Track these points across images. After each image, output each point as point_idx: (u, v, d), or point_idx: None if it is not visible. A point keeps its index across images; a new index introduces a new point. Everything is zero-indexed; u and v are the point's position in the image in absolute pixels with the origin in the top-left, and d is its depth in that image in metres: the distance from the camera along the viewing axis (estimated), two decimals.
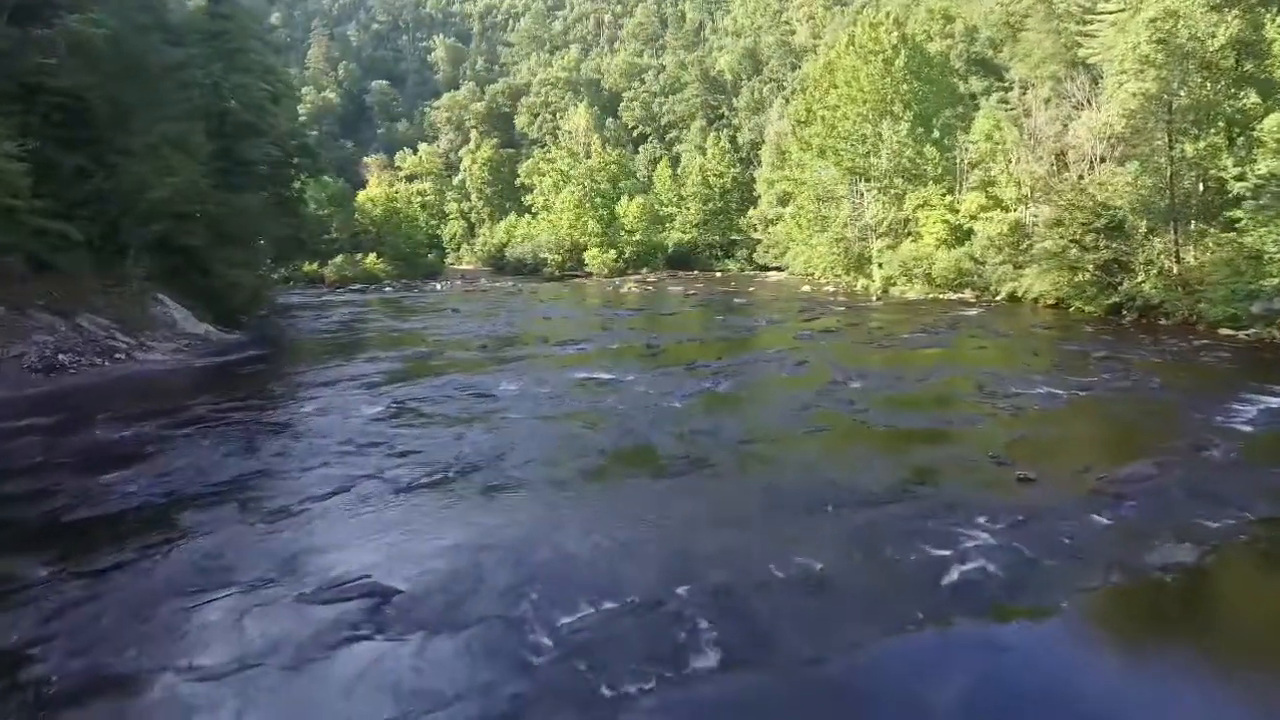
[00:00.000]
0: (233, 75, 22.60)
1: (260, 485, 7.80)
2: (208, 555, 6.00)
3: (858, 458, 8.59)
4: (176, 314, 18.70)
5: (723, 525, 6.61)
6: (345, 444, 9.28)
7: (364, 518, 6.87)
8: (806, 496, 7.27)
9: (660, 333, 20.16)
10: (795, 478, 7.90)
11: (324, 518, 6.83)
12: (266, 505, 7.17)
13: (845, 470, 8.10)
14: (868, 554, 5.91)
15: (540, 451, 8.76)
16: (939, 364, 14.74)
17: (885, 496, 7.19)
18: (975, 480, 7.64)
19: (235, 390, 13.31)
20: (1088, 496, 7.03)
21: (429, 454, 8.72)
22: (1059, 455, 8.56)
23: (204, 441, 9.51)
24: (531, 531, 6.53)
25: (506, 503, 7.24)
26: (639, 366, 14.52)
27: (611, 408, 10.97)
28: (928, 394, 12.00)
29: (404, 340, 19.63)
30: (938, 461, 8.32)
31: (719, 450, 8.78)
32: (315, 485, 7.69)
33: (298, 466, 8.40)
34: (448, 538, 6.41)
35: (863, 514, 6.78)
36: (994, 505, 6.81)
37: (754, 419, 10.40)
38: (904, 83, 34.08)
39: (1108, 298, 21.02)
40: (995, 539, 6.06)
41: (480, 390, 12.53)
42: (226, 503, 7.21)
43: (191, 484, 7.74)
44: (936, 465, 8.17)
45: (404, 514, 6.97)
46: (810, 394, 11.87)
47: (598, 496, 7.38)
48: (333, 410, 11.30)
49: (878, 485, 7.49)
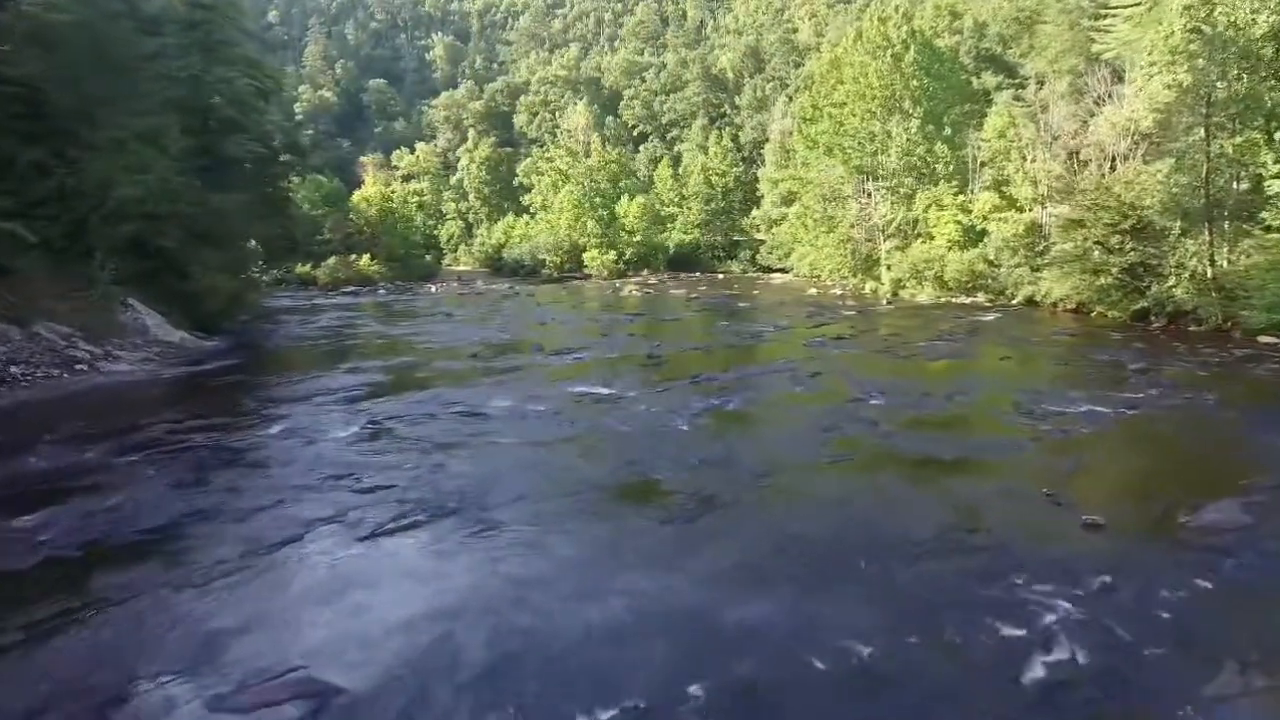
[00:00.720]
0: (214, 68, 21.48)
1: (200, 532, 6.70)
2: (108, 636, 4.89)
3: (891, 495, 7.48)
4: (149, 320, 17.60)
5: (742, 589, 5.51)
6: (309, 475, 8.18)
7: (315, 577, 5.77)
8: (838, 548, 6.18)
9: (662, 340, 19.07)
10: (823, 522, 6.80)
11: (266, 578, 5.72)
12: (201, 560, 6.06)
13: (879, 512, 7.01)
14: (923, 633, 4.80)
15: (529, 486, 7.66)
16: (964, 377, 13.65)
17: (930, 548, 6.09)
18: (1033, 526, 6.54)
19: (201, 406, 12.20)
20: (1175, 550, 5.94)
21: (401, 489, 7.62)
22: (1124, 493, 7.46)
23: (150, 471, 8.42)
24: (514, 596, 5.43)
25: (486, 555, 6.14)
26: (640, 380, 13.42)
27: (610, 430, 9.87)
28: (958, 413, 10.90)
29: (391, 348, 18.53)
30: (984, 500, 7.21)
31: (733, 485, 7.68)
32: (265, 531, 6.59)
33: (250, 505, 7.30)
34: (412, 605, 5.32)
35: (907, 573, 5.68)
36: (1064, 562, 5.72)
37: (769, 445, 9.30)
38: (914, 78, 32.99)
39: (1134, 303, 19.94)
40: (1078, 613, 4.95)
41: (467, 407, 11.43)
42: (154, 556, 6.12)
43: (120, 530, 6.64)
44: (983, 505, 7.06)
45: (363, 571, 5.87)
46: (828, 413, 10.77)
47: (594, 548, 6.28)
48: (302, 432, 10.19)
49: (920, 532, 6.39)
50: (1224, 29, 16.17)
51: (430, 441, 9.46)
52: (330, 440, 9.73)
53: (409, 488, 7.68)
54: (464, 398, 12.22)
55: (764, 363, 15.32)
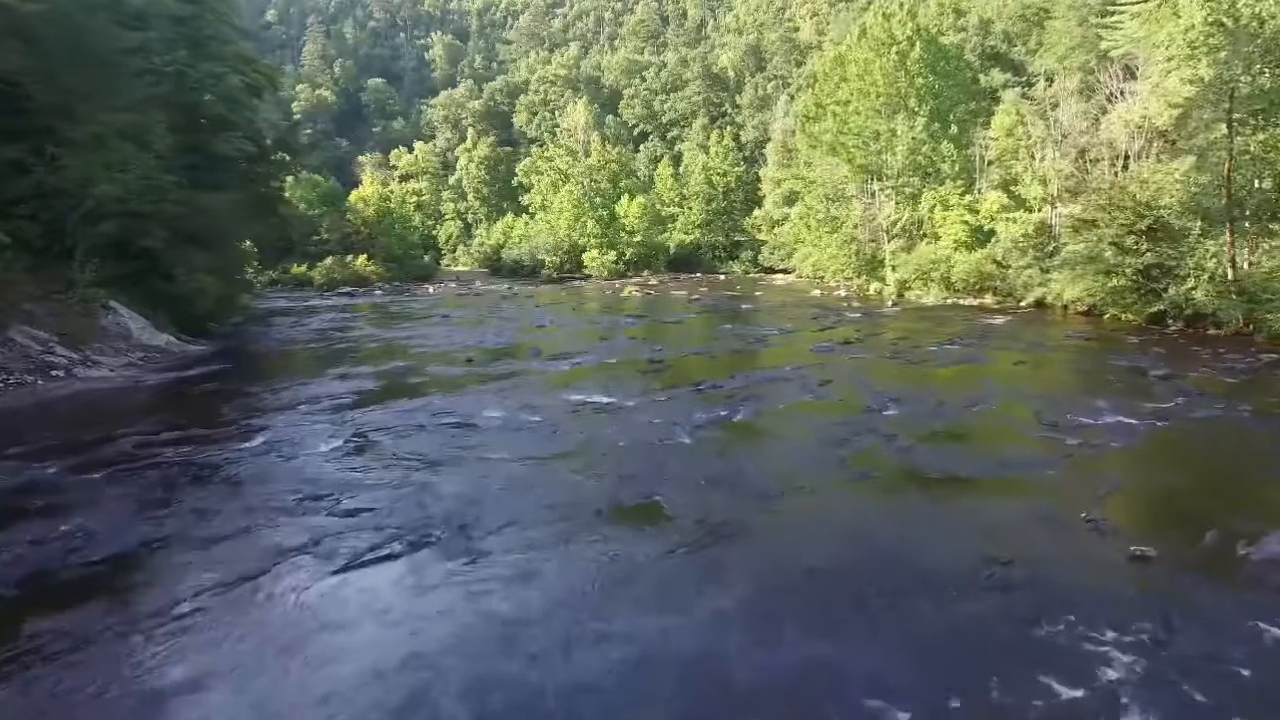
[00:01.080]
0: (202, 64, 20.87)
1: (158, 564, 6.10)
2: (36, 696, 4.29)
3: (915, 520, 6.87)
4: (132, 324, 16.99)
5: (753, 634, 4.91)
6: (285, 496, 7.58)
7: (280, 619, 5.17)
8: (861, 584, 5.57)
9: (664, 344, 18.45)
10: (841, 553, 6.19)
11: (225, 621, 5.11)
12: (154, 599, 5.46)
13: (903, 540, 6.40)
14: (965, 692, 4.20)
15: (520, 509, 7.05)
16: (980, 384, 13.03)
17: (964, 584, 5.49)
18: (1076, 559, 5.94)
19: (179, 415, 11.61)
20: (1240, 588, 5.34)
21: (382, 513, 7.01)
22: (1171, 518, 6.85)
23: (113, 491, 7.81)
24: (499, 641, 4.84)
25: (471, 590, 5.54)
26: (641, 387, 12.81)
27: (610, 444, 9.26)
28: (978, 425, 10.29)
29: (384, 352, 17.92)
30: (1018, 527, 6.61)
31: (741, 508, 7.07)
32: (229, 563, 5.99)
33: (217, 531, 6.69)
34: (386, 652, 4.72)
35: (941, 615, 5.08)
36: (1116, 602, 5.12)
37: (780, 461, 8.68)
38: (919, 76, 32.37)
39: (1150, 305, 19.33)
40: (1141, 666, 4.35)
41: (458, 417, 10.83)
42: (101, 594, 5.51)
43: (68, 562, 6.03)
44: (1018, 533, 6.46)
45: (333, 611, 5.27)
46: (841, 425, 10.16)
47: (590, 582, 5.67)
48: (282, 445, 9.59)
49: (951, 565, 5.79)
50: (1248, 22, 15.56)
51: (417, 456, 8.85)
52: (311, 455, 9.12)
53: (391, 511, 7.07)
54: (456, 407, 11.62)
55: (770, 369, 14.71)
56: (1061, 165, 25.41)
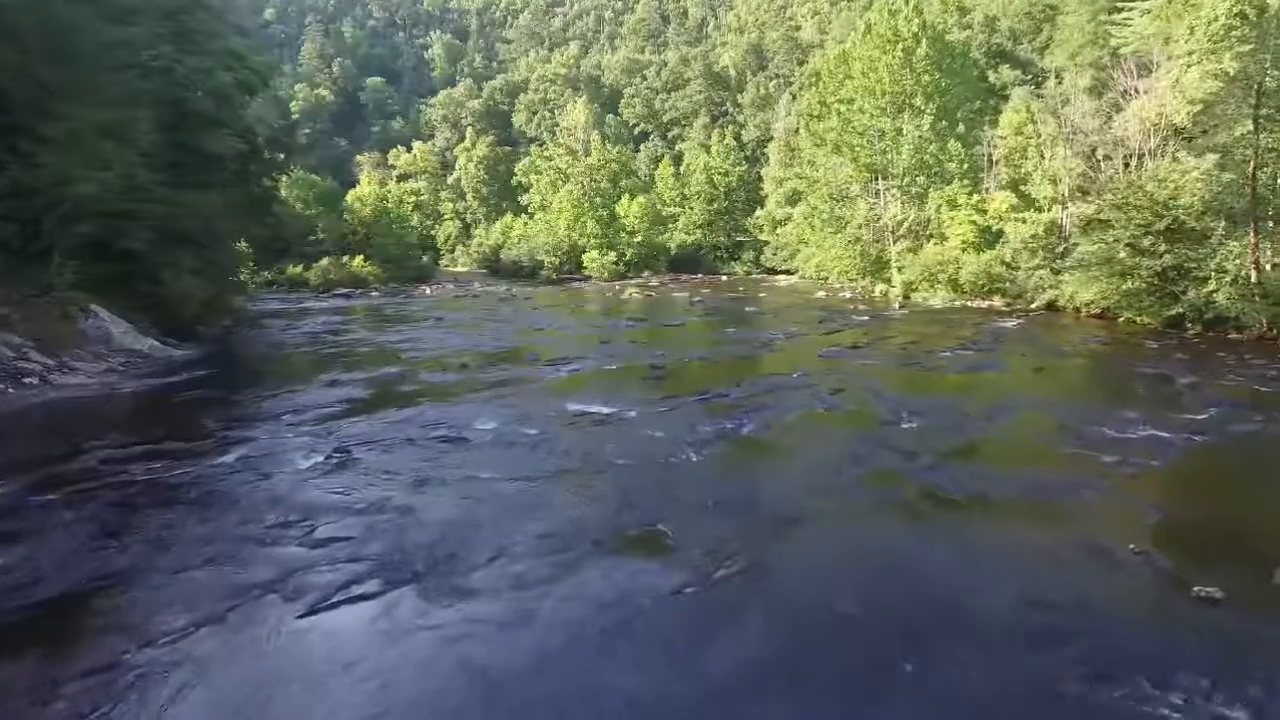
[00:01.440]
0: (190, 59, 20.22)
1: (103, 605, 5.46)
2: None
3: (947, 552, 6.22)
4: (114, 328, 16.35)
5: (769, 693, 4.27)
6: (255, 522, 6.94)
7: (232, 675, 4.54)
8: (890, 629, 4.93)
9: (666, 349, 17.81)
10: (869, 593, 5.54)
11: (170, 678, 4.47)
12: (94, 649, 4.83)
13: (936, 578, 5.75)
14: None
15: (511, 539, 6.40)
16: (1000, 393, 12.40)
17: (1009, 630, 4.86)
18: (1132, 601, 5.30)
19: (155, 426, 10.98)
20: None
21: (359, 542, 6.38)
22: (1229, 549, 6.20)
23: (68, 514, 7.17)
24: (481, 702, 4.21)
25: (452, 637, 4.91)
26: (643, 396, 12.17)
27: (610, 461, 8.62)
28: (1003, 440, 9.65)
29: (375, 357, 17.28)
30: (1063, 561, 5.97)
31: (753, 538, 6.43)
32: (183, 604, 5.35)
33: (175, 565, 6.05)
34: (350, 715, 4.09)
35: (987, 672, 4.45)
36: (1187, 656, 4.49)
37: (794, 483, 8.02)
38: (925, 73, 31.72)
39: (1167, 308, 18.70)
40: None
41: (450, 430, 10.19)
42: (32, 644, 4.85)
43: (1, 602, 5.40)
44: (1064, 568, 5.82)
45: (295, 664, 4.63)
46: (857, 440, 9.53)
47: (585, 628, 5.03)
48: (259, 461, 8.95)
49: (991, 608, 5.16)
50: (1275, 13, 14.91)
51: (401, 475, 8.21)
52: (289, 473, 8.48)
53: (369, 540, 6.43)
54: (448, 417, 10.98)
55: (777, 376, 14.06)
56: (1073, 164, 24.76)
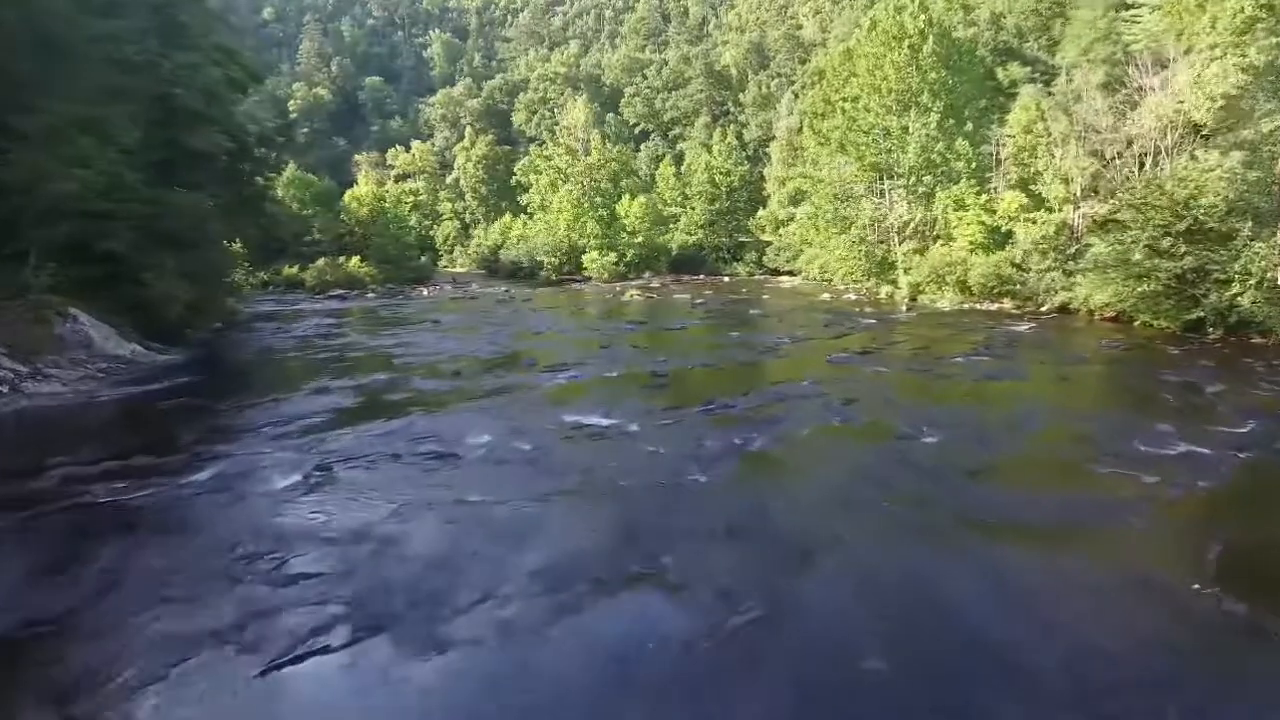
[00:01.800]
0: (177, 54, 19.59)
1: (35, 656, 4.82)
2: None
3: (987, 590, 5.58)
4: (94, 332, 15.71)
5: None
6: (220, 554, 6.31)
7: None
8: (929, 688, 4.30)
9: (668, 354, 17.18)
10: (902, 638, 4.90)
11: None
12: (21, 707, 4.20)
13: (978, 622, 5.11)
14: None
15: (502, 577, 5.76)
16: (1022, 403, 11.76)
17: (1064, 689, 4.23)
18: (1204, 650, 4.67)
19: (128, 438, 10.38)
20: None
21: (332, 580, 5.74)
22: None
23: (18, 542, 6.57)
24: None
25: (429, 695, 4.28)
26: (645, 406, 11.53)
27: (610, 481, 7.98)
28: (1032, 457, 9.01)
29: (367, 363, 16.64)
30: (1116, 600, 5.33)
31: (772, 573, 5.79)
32: (128, 654, 4.72)
33: (125, 605, 5.42)
34: None
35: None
36: None
37: (811, 507, 7.37)
38: (932, 70, 31.07)
39: (1187, 312, 18.06)
40: None
41: (439, 444, 9.57)
42: None
43: None
44: (1119, 609, 5.18)
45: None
46: (875, 457, 8.90)
47: (579, 691, 4.40)
48: (234, 480, 8.31)
49: (1040, 660, 4.53)
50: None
51: (385, 497, 7.58)
52: (264, 494, 7.85)
53: (343, 577, 5.80)
54: (438, 430, 10.36)
55: (785, 384, 13.43)
56: (1085, 162, 24.12)
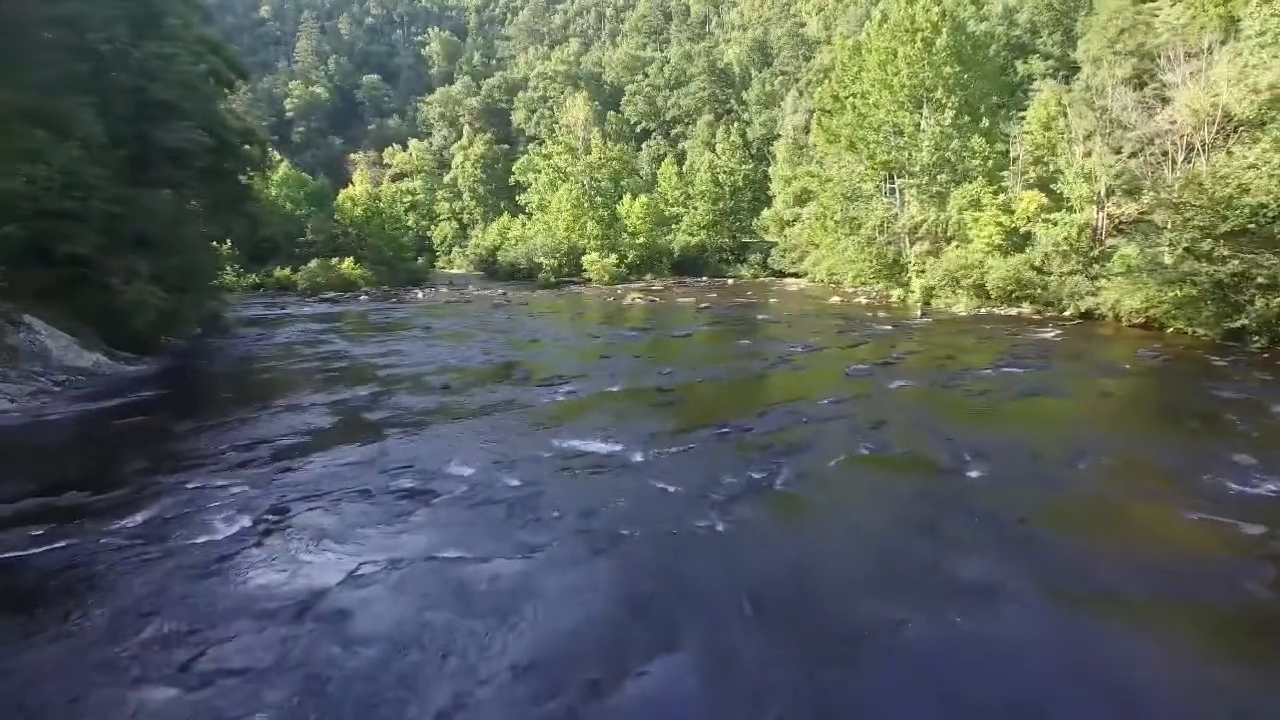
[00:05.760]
0: (150, 44, 18.41)
1: None
2: None
3: (1081, 688, 4.39)
4: (51, 342, 14.55)
5: None
6: (125, 638, 5.14)
7: None
8: None
9: (674, 366, 15.99)
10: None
11: None
12: None
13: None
14: None
15: (479, 677, 4.57)
16: (1070, 426, 10.57)
17: None
18: None
19: (65, 468, 9.22)
20: None
21: (257, 685, 4.55)
22: None
23: None
24: None
25: None
26: (649, 429, 10.34)
27: (610, 531, 6.78)
28: (1101, 498, 7.79)
29: (349, 375, 15.46)
30: (1251, 703, 4.15)
31: (810, 668, 4.59)
32: None
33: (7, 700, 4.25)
34: None
35: None
36: None
37: (850, 566, 6.16)
38: (946, 65, 29.84)
39: (1229, 319, 16.88)
40: None
41: (415, 478, 8.39)
42: None
43: None
44: (1227, 708, 4.01)
45: None
46: (917, 496, 7.70)
47: None
48: (172, 525, 7.13)
49: None
50: None
51: (344, 553, 6.39)
52: (202, 545, 6.67)
53: (276, 672, 4.61)
54: (417, 457, 9.19)
55: (804, 401, 12.23)
56: (1110, 160, 22.93)
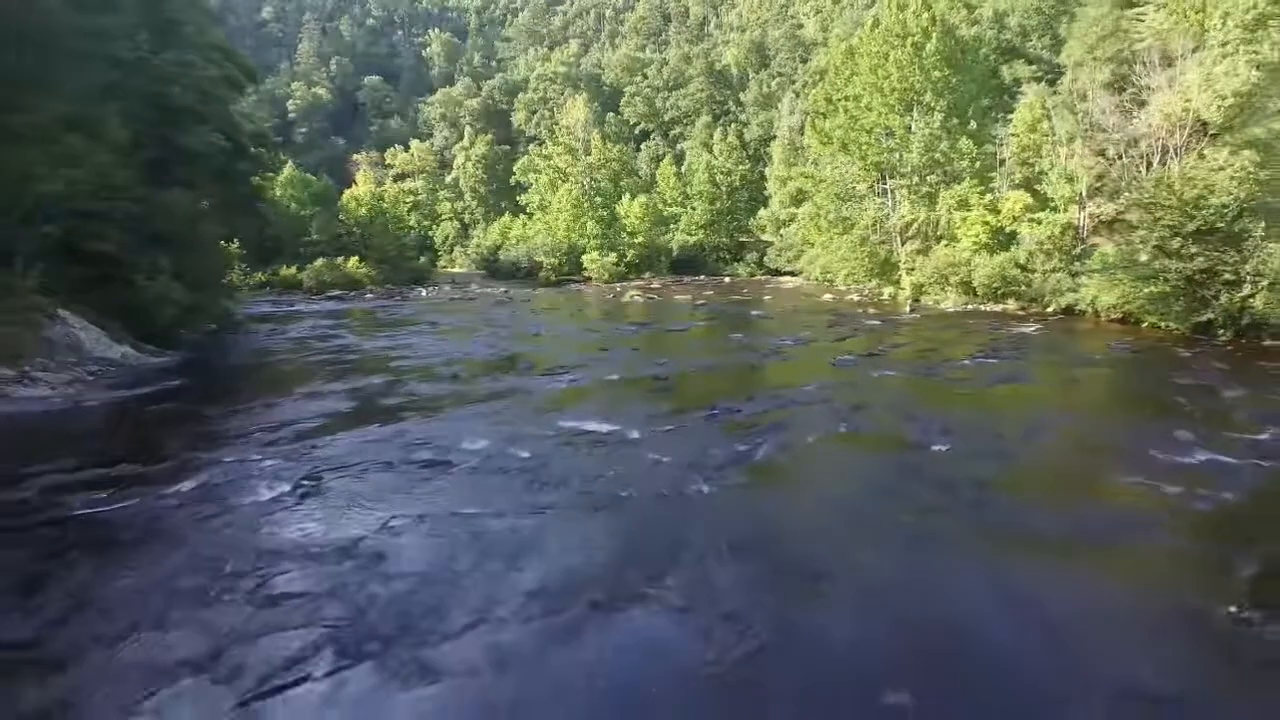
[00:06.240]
0: (170, 51, 19.28)
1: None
2: None
3: (1009, 615, 5.26)
4: (83, 335, 15.39)
5: None
6: (200, 570, 5.99)
7: None
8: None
9: (669, 357, 16.85)
10: (925, 671, 4.58)
11: None
12: None
13: (999, 649, 4.80)
14: None
15: (496, 599, 5.44)
16: (1035, 409, 11.44)
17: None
18: (1253, 686, 4.35)
19: (113, 445, 10.07)
20: None
21: (318, 600, 5.42)
22: None
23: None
24: None
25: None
26: (646, 412, 11.20)
27: (610, 493, 7.65)
28: (1050, 466, 8.68)
29: (362, 366, 16.31)
30: (1144, 625, 5.01)
31: (783, 593, 5.47)
32: (91, 689, 4.40)
33: (88, 634, 5.09)
34: None
35: None
36: None
37: (821, 520, 7.05)
38: (935, 69, 30.73)
39: (1196, 314, 17.77)
40: None
41: (433, 452, 9.25)
42: None
43: None
44: (1147, 635, 4.86)
45: None
46: (885, 466, 8.57)
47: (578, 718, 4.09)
48: (219, 490, 7.99)
49: (1073, 700, 4.20)
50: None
51: (376, 510, 7.25)
52: (249, 506, 7.52)
53: (329, 598, 5.47)
54: (432, 436, 10.04)
55: (790, 388, 13.11)
56: (1091, 162, 23.82)
